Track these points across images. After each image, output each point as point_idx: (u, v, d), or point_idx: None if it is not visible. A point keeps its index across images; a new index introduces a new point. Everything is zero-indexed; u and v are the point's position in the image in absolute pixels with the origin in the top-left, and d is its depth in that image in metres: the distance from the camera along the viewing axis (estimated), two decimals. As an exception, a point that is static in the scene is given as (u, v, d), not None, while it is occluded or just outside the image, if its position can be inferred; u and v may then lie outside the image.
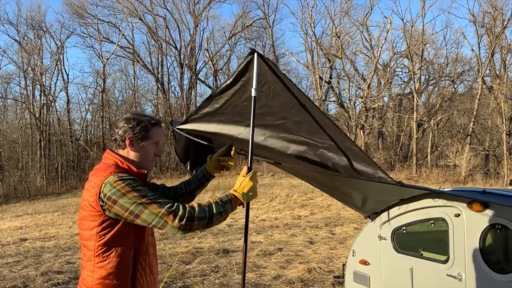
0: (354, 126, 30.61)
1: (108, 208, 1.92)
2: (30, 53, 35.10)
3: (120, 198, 1.89)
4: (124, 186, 1.91)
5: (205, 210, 1.93)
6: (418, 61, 30.39)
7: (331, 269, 7.13)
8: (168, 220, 1.85)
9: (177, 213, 1.86)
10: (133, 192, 1.90)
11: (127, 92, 39.55)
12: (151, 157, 2.19)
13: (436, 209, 3.38)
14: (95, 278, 1.98)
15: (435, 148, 30.82)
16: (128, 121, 2.14)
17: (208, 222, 1.93)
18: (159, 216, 1.86)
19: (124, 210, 1.89)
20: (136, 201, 1.88)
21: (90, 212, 1.97)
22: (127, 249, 2.00)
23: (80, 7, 36.01)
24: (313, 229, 11.11)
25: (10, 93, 38.36)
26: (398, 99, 33.54)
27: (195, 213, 1.89)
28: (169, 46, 37.26)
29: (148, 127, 2.15)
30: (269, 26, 37.75)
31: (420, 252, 3.60)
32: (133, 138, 2.12)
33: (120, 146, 2.15)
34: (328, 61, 33.79)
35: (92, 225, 1.97)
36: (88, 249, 2.01)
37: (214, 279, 6.75)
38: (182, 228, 1.86)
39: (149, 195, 1.92)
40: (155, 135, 2.18)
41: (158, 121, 2.23)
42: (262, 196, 17.55)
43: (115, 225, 1.95)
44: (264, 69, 2.21)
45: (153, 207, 1.87)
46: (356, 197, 3.78)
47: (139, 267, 2.04)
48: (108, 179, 1.93)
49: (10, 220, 16.23)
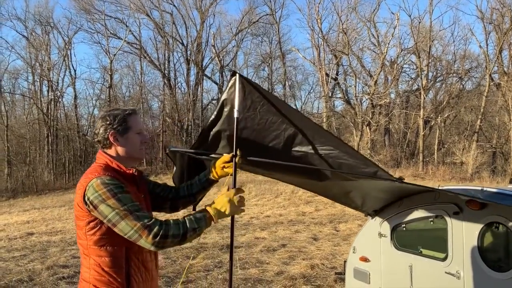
0: (360, 123, 30.51)
1: (92, 210, 1.95)
2: (38, 49, 35.30)
3: (101, 204, 1.91)
4: (105, 191, 1.92)
5: (179, 227, 1.92)
6: (426, 57, 30.21)
7: (334, 265, 7.16)
8: (142, 235, 1.87)
9: (152, 229, 1.87)
10: (113, 199, 1.91)
11: (134, 88, 39.72)
12: (138, 146, 2.19)
13: (435, 207, 3.40)
14: (91, 275, 2.02)
15: (442, 145, 30.67)
16: (104, 119, 2.14)
17: (182, 239, 1.93)
18: (134, 230, 1.87)
19: (103, 216, 1.92)
20: (114, 210, 1.89)
21: (78, 212, 2.02)
22: (117, 247, 2.01)
23: (88, 3, 36.16)
24: (317, 226, 11.14)
25: (18, 88, 38.69)
26: (405, 95, 33.38)
27: (169, 230, 1.89)
28: (175, 42, 37.34)
29: (125, 118, 2.15)
30: (276, 22, 37.69)
31: (420, 250, 3.62)
32: (115, 133, 2.12)
33: (106, 145, 2.15)
34: (334, 58, 33.68)
35: (82, 225, 2.01)
36: (82, 247, 2.05)
37: (217, 274, 6.80)
38: (155, 245, 1.88)
39: (129, 204, 1.92)
40: (135, 123, 2.18)
41: (133, 110, 2.23)
42: (267, 193, 17.62)
43: (102, 225, 1.97)
44: (248, 89, 2.26)
45: (130, 219, 1.88)
46: (355, 196, 3.80)
47: (132, 265, 2.05)
48: (92, 182, 1.95)
49: (17, 215, 16.40)
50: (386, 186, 3.37)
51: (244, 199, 2.21)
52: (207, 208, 2.07)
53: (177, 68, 38.42)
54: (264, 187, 18.85)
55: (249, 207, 14.71)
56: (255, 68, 40.54)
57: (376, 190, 3.54)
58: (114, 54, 36.07)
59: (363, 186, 3.50)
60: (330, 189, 3.65)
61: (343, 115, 33.79)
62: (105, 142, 2.15)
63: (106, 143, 2.15)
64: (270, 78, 39.17)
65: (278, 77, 39.73)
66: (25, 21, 36.21)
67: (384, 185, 3.37)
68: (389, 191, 3.54)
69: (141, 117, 2.37)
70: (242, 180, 22.28)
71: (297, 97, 41.51)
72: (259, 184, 19.71)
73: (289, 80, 39.50)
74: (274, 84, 39.54)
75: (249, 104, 2.32)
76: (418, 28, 30.17)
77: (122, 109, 2.20)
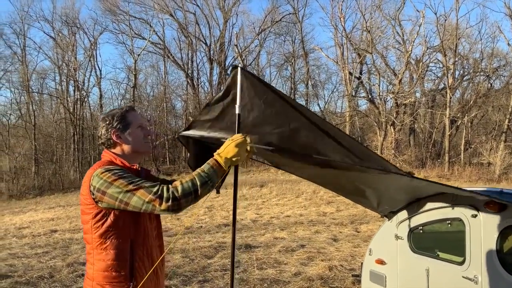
0: (384, 122, 30.09)
1: (99, 200, 1.96)
2: (65, 49, 36.01)
3: (108, 188, 1.92)
4: (110, 175, 1.95)
5: (189, 185, 1.91)
6: (452, 56, 29.58)
7: (352, 267, 7.05)
8: (156, 204, 1.87)
9: (162, 196, 1.87)
10: (119, 179, 1.93)
11: (158, 88, 40.14)
12: (142, 140, 2.23)
13: (453, 209, 3.29)
14: (95, 270, 2.04)
15: (468, 146, 29.97)
16: (104, 120, 2.20)
17: (195, 196, 1.92)
18: (146, 202, 1.88)
19: (114, 199, 1.92)
20: (123, 189, 1.91)
21: (85, 206, 2.03)
22: (123, 241, 2.02)
23: (113, 4, 36.77)
24: (338, 226, 11.00)
25: (45, 88, 39.57)
26: (431, 95, 32.74)
27: (178, 192, 1.88)
28: (199, 42, 37.62)
29: (124, 115, 2.20)
30: (299, 21, 37.52)
31: (437, 253, 3.51)
32: (116, 131, 2.16)
33: (111, 145, 2.19)
34: (358, 56, 33.30)
35: (88, 218, 2.02)
36: (88, 242, 2.07)
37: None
38: (171, 209, 1.88)
39: (135, 180, 1.94)
40: (134, 118, 2.22)
41: (130, 107, 2.28)
42: (288, 192, 17.55)
43: (108, 217, 1.99)
44: (252, 82, 2.22)
45: (140, 193, 1.89)
46: (371, 196, 3.72)
47: (137, 258, 2.06)
48: (96, 172, 1.99)
49: (43, 212, 16.75)
50: (401, 185, 3.27)
51: (252, 141, 2.16)
52: (215, 157, 2.06)
53: (200, 68, 38.76)
54: (285, 187, 18.78)
55: (270, 206, 14.66)
56: (278, 67, 40.52)
57: (391, 189, 3.45)
58: (138, 54, 36.56)
59: (377, 185, 3.43)
60: (343, 185, 3.58)
61: (366, 114, 33.39)
62: (109, 142, 2.19)
63: (110, 143, 2.19)
64: (293, 77, 39.04)
65: (301, 76, 39.56)
66: (52, 22, 37.06)
67: (399, 184, 3.28)
68: (405, 190, 3.45)
69: (140, 113, 2.41)
70: (264, 180, 22.31)
71: (320, 96, 41.30)
72: (281, 184, 19.66)
73: (312, 79, 39.31)
74: (297, 83, 39.41)
75: (253, 93, 2.28)
76: (444, 26, 29.56)
77: (119, 108, 2.25)
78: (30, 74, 35.92)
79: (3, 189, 24.67)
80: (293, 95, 38.78)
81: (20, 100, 38.16)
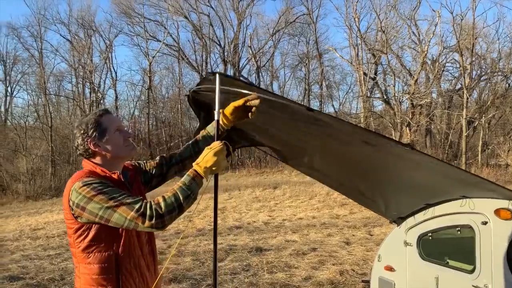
0: (399, 123, 29.75)
1: (79, 215, 1.89)
2: (81, 52, 36.41)
3: (88, 204, 1.84)
4: (89, 191, 1.86)
5: (172, 201, 1.84)
6: (469, 55, 29.10)
7: (364, 271, 6.95)
8: (138, 222, 1.80)
9: (145, 213, 1.80)
10: (99, 195, 1.84)
11: (174, 89, 40.32)
12: (122, 145, 2.11)
13: (463, 215, 3.19)
14: (82, 284, 1.97)
15: (486, 147, 29.45)
16: (78, 129, 2.08)
17: (179, 211, 1.86)
18: (129, 219, 1.81)
19: (94, 215, 1.85)
20: (103, 205, 1.83)
21: (66, 220, 1.97)
22: (107, 254, 1.95)
23: (128, 7, 37.01)
24: (351, 229, 10.87)
25: (62, 90, 40.06)
26: (448, 95, 32.25)
27: (162, 209, 1.81)
28: (213, 43, 37.66)
29: (98, 121, 2.07)
30: (313, 22, 37.32)
31: (446, 261, 3.42)
32: (93, 139, 2.05)
33: (90, 154, 2.09)
34: (373, 57, 33.00)
35: (70, 232, 1.97)
36: (73, 255, 2.01)
37: (244, 277, 6.73)
38: (156, 227, 1.81)
39: (116, 196, 1.86)
40: (110, 123, 2.10)
41: (104, 110, 2.15)
42: (302, 194, 17.44)
43: (89, 231, 1.92)
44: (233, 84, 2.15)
45: (122, 210, 1.82)
46: (378, 199, 3.65)
47: (123, 271, 1.98)
48: (74, 186, 1.90)
49: (58, 213, 16.91)
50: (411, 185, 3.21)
51: (230, 150, 2.09)
52: (194, 168, 1.98)
53: (215, 69, 38.76)
54: (299, 189, 18.66)
55: (282, 208, 14.59)
56: (292, 68, 40.36)
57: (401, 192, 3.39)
58: (153, 56, 36.78)
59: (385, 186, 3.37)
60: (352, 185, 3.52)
61: (381, 115, 33.06)
62: (87, 152, 2.07)
63: (89, 153, 2.07)
64: (307, 78, 38.87)
65: (315, 77, 39.37)
66: (69, 25, 37.50)
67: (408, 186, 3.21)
68: (414, 195, 3.37)
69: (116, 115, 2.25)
70: (277, 181, 22.22)
71: (334, 97, 41.03)
72: (294, 186, 19.55)
73: (326, 80, 39.06)
74: (311, 84, 39.21)
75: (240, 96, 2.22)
76: (460, 25, 29.09)
77: (92, 113, 2.12)
78: (47, 76, 36.42)
79: (20, 190, 25.00)
80: (307, 96, 38.63)
81: (37, 102, 38.75)
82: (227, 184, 22.42)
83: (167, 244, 9.29)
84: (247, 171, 29.36)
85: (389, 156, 2.74)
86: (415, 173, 2.92)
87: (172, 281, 6.57)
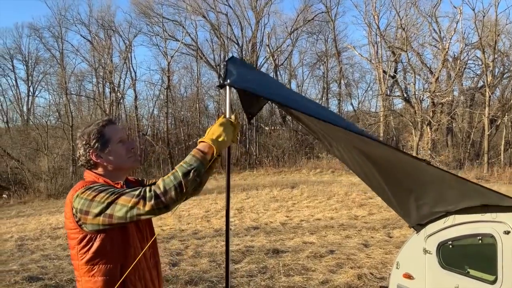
0: (420, 122, 29.30)
1: (83, 222, 1.86)
2: (101, 52, 36.83)
3: (91, 206, 1.81)
4: (90, 193, 1.84)
5: (171, 179, 1.78)
6: (492, 53, 28.49)
7: (382, 275, 6.84)
8: (140, 207, 1.75)
9: (144, 196, 1.75)
10: (100, 194, 1.82)
11: (192, 88, 40.50)
12: (125, 156, 2.08)
13: (484, 224, 3.08)
14: None
15: (509, 146, 28.84)
16: (80, 139, 2.04)
17: (180, 190, 1.77)
18: (130, 207, 1.76)
19: (97, 215, 1.81)
20: (104, 202, 1.80)
21: (69, 230, 1.94)
22: (112, 266, 1.91)
23: (147, 7, 37.28)
24: (369, 231, 10.73)
25: (83, 90, 40.63)
26: (470, 93, 31.64)
27: (160, 188, 1.76)
28: (231, 42, 37.70)
29: (101, 132, 2.03)
30: (331, 20, 37.08)
31: (467, 270, 3.31)
32: (95, 150, 2.02)
33: (92, 166, 2.06)
34: (392, 54, 32.58)
35: (73, 244, 1.92)
36: (75, 269, 1.97)
37: (260, 280, 6.69)
38: (156, 208, 1.75)
39: (117, 191, 1.83)
40: (113, 134, 2.06)
41: (108, 120, 2.11)
42: (320, 194, 17.29)
43: (94, 241, 1.88)
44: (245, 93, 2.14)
45: (122, 200, 1.78)
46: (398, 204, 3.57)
47: (128, 284, 1.94)
48: (77, 193, 1.88)
49: (78, 212, 17.13)
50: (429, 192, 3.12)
51: (239, 123, 2.02)
52: (198, 144, 1.92)
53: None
54: (317, 188, 18.52)
55: (300, 209, 14.49)
56: (310, 66, 40.17)
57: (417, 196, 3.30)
58: (172, 56, 36.99)
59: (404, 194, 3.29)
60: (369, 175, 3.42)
61: (401, 114, 32.61)
62: (89, 163, 2.04)
63: (91, 164, 2.05)
64: (325, 76, 38.63)
65: (334, 76, 39.08)
66: (89, 26, 37.97)
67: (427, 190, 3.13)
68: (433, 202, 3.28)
69: (119, 125, 2.23)
70: (295, 181, 22.11)
71: (353, 95, 40.68)
72: (312, 185, 19.41)
73: (345, 78, 38.74)
74: (330, 82, 38.96)
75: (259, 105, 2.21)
76: (482, 22, 28.49)
77: (95, 123, 2.08)
78: (68, 76, 36.96)
79: (42, 188, 25.40)
80: (326, 94, 38.41)
81: (59, 102, 39.38)
82: (245, 184, 22.41)
83: (184, 245, 9.30)
84: (265, 170, 29.32)
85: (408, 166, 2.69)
86: (434, 182, 2.84)
87: (188, 284, 6.56)
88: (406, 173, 2.91)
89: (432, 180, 2.82)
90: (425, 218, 3.58)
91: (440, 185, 2.88)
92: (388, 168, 2.92)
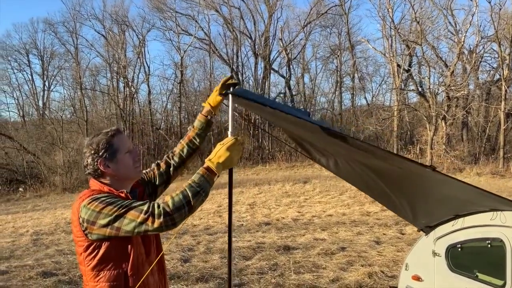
0: (434, 116, 28.97)
1: (89, 232, 1.90)
2: (114, 47, 37.06)
3: (98, 217, 1.86)
4: (98, 204, 1.88)
5: (180, 198, 1.85)
6: (508, 45, 28.00)
7: (393, 274, 6.81)
8: (148, 223, 1.81)
9: (154, 213, 1.81)
10: (107, 206, 1.86)
11: (205, 83, 40.57)
12: (132, 166, 2.12)
13: (494, 228, 3.05)
14: None
15: (526, 141, 28.38)
16: (88, 148, 2.07)
17: (189, 209, 1.85)
18: (138, 222, 1.81)
19: (104, 226, 1.86)
20: (112, 215, 1.84)
21: (76, 237, 1.99)
22: (117, 273, 1.95)
23: (160, 1, 37.35)
24: (381, 228, 10.67)
25: (98, 85, 41.00)
26: (486, 87, 31.16)
27: (170, 206, 1.82)
28: (244, 36, 37.64)
29: (110, 142, 2.06)
30: (345, 13, 36.72)
31: (476, 274, 3.29)
32: (104, 160, 2.05)
33: (99, 175, 2.09)
34: (407, 48, 32.21)
35: (80, 251, 1.97)
36: (83, 274, 2.03)
37: (271, 278, 6.72)
38: (164, 225, 1.81)
39: (124, 204, 1.87)
40: (121, 144, 2.10)
41: (116, 130, 2.14)
42: (332, 189, 17.25)
43: (99, 249, 1.93)
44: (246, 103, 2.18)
45: (131, 215, 1.83)
46: (405, 207, 3.56)
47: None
48: (83, 203, 1.92)
49: (92, 206, 17.35)
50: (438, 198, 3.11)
51: (242, 144, 2.13)
52: (206, 163, 1.99)
53: (245, 62, 38.76)
54: (329, 183, 18.47)
55: (312, 204, 14.49)
56: (324, 60, 39.87)
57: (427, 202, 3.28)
58: (185, 51, 37.08)
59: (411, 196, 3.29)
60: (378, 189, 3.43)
61: (415, 108, 32.26)
62: (96, 172, 2.08)
63: (98, 173, 2.08)
64: (339, 70, 38.35)
65: (347, 69, 38.78)
66: (103, 21, 38.24)
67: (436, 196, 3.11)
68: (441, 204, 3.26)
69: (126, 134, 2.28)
70: (307, 176, 22.08)
71: (367, 89, 40.37)
72: (324, 180, 19.37)
73: (359, 72, 38.43)
74: (343, 76, 38.67)
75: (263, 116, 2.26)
76: (499, 14, 28.01)
77: (104, 132, 2.11)
78: (83, 71, 37.30)
79: (57, 182, 25.76)
80: (339, 88, 38.15)
81: (73, 96, 39.80)
82: (257, 178, 22.45)
83: (196, 241, 9.38)
84: (277, 165, 29.32)
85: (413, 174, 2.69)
86: (442, 187, 2.82)
87: (199, 280, 6.63)
88: (411, 181, 2.90)
89: (438, 186, 2.81)
90: (434, 221, 3.57)
91: (447, 190, 2.87)
92: (393, 176, 2.92)
